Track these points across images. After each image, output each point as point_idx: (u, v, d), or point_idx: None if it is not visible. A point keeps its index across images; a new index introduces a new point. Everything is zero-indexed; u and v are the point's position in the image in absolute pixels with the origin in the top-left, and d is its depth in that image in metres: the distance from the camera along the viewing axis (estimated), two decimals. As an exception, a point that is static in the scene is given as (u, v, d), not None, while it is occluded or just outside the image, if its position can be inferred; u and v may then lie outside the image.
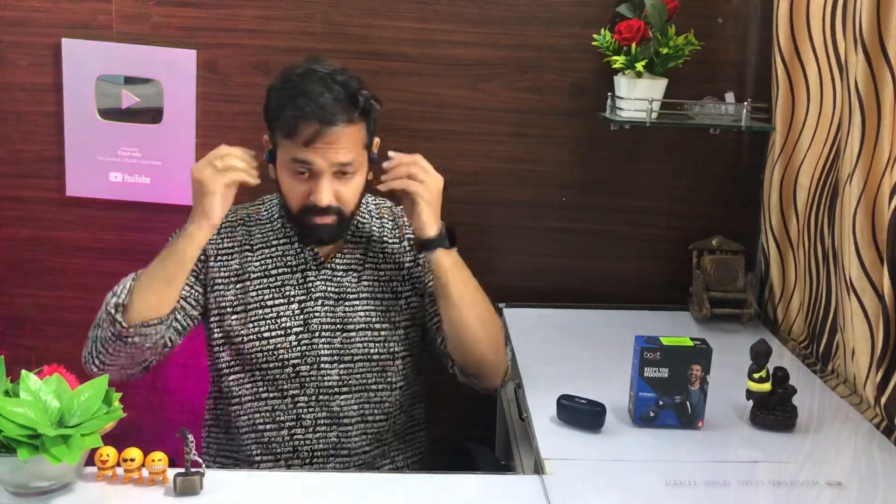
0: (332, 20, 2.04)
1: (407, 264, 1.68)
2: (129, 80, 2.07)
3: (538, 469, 1.39)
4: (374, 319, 1.64)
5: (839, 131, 1.73)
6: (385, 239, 1.69)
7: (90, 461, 1.30)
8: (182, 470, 1.29)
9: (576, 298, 2.16)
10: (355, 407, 1.63)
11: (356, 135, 1.54)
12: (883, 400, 1.54)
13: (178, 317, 1.58)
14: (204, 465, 1.30)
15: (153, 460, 1.29)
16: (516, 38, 2.06)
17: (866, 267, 1.60)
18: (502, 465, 1.88)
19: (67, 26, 2.03)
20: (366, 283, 1.66)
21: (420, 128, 2.11)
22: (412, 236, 1.67)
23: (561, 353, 1.86)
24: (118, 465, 1.30)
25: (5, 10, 2.03)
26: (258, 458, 1.63)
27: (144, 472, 1.30)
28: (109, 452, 1.29)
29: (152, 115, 2.08)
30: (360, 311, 1.64)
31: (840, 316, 1.70)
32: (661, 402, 1.48)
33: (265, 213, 1.70)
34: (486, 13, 2.05)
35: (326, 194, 1.53)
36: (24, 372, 1.26)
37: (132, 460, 1.28)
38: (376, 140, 1.63)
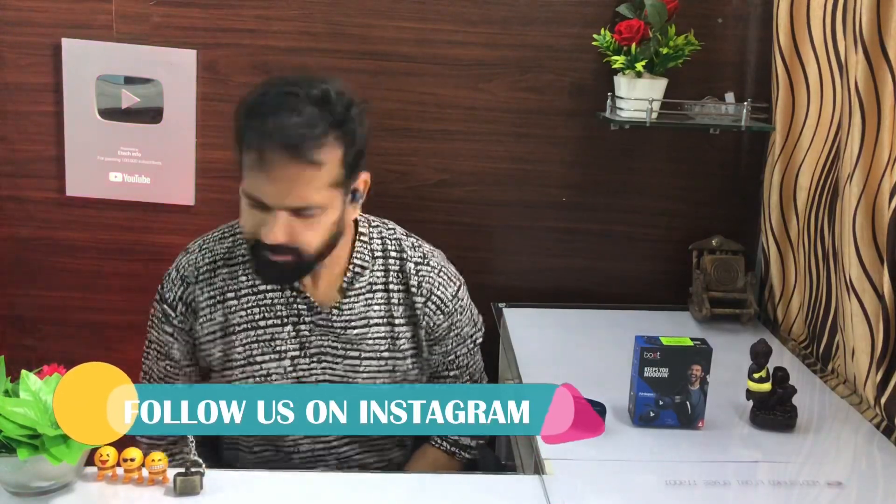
0: (332, 20, 2.04)
1: (412, 320, 1.53)
2: (129, 80, 2.07)
3: (538, 469, 1.39)
4: (378, 380, 1.52)
5: (839, 131, 1.73)
6: (391, 287, 1.52)
7: (90, 461, 1.30)
8: (182, 470, 1.29)
9: (576, 298, 2.16)
10: (357, 457, 1.58)
11: (328, 168, 1.32)
12: (883, 400, 1.54)
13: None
14: (204, 466, 1.30)
15: (153, 460, 1.29)
16: (516, 38, 2.06)
17: (866, 267, 1.60)
18: (502, 465, 1.88)
19: (67, 26, 2.03)
20: (370, 340, 1.51)
21: (420, 128, 2.11)
22: (425, 290, 1.53)
23: (561, 353, 1.86)
24: (118, 465, 1.30)
25: (5, 10, 2.03)
26: None
27: (144, 472, 1.30)
28: (109, 452, 1.29)
29: (152, 115, 2.08)
30: (364, 372, 1.51)
31: (840, 316, 1.70)
32: (661, 402, 1.48)
33: (246, 246, 1.47)
34: (486, 13, 2.05)
35: (277, 233, 1.33)
36: (24, 372, 1.26)
37: (132, 460, 1.28)
38: (365, 178, 1.41)
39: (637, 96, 1.94)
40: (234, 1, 2.03)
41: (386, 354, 1.52)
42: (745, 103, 1.98)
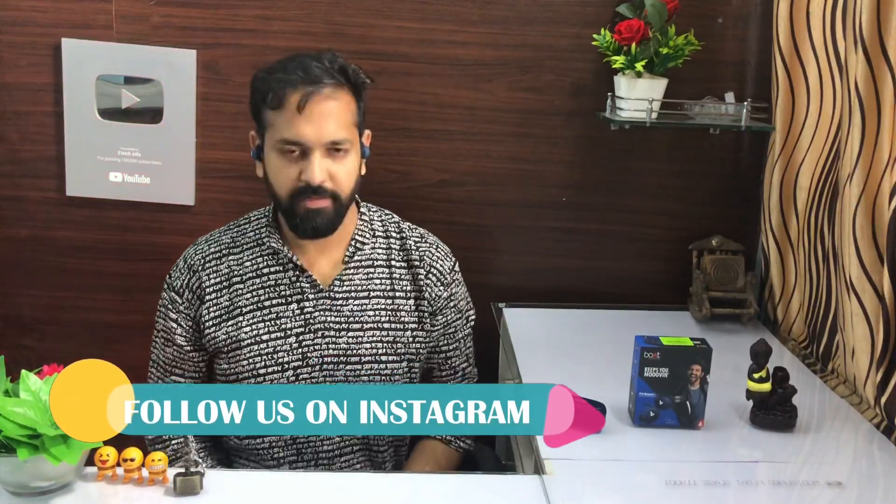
0: (332, 20, 2.04)
1: (414, 293, 1.62)
2: (129, 80, 2.07)
3: (538, 469, 1.39)
4: (380, 351, 1.58)
5: (839, 131, 1.73)
6: (393, 263, 1.62)
7: (90, 461, 1.30)
8: (182, 470, 1.29)
9: (576, 298, 2.16)
10: (357, 438, 1.59)
11: (347, 108, 1.50)
12: (883, 400, 1.54)
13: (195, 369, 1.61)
14: (204, 466, 1.30)
15: (153, 460, 1.29)
16: (516, 38, 2.06)
17: (866, 267, 1.60)
18: (502, 465, 1.88)
19: (67, 26, 2.03)
20: (371, 312, 1.58)
21: (420, 128, 2.11)
22: (426, 263, 1.63)
23: (561, 353, 1.86)
24: (118, 465, 1.30)
25: (5, 10, 2.03)
26: None
27: (144, 472, 1.30)
28: (109, 452, 1.29)
29: (152, 115, 2.08)
30: (366, 343, 1.57)
31: (840, 316, 1.70)
32: (661, 402, 1.48)
33: (252, 234, 1.61)
34: (486, 13, 2.05)
35: (319, 171, 1.47)
36: (24, 372, 1.26)
37: (132, 460, 1.29)
38: (367, 132, 1.59)
39: (637, 96, 1.94)
40: (234, 1, 2.03)
41: (387, 326, 1.59)
42: (745, 103, 1.98)
